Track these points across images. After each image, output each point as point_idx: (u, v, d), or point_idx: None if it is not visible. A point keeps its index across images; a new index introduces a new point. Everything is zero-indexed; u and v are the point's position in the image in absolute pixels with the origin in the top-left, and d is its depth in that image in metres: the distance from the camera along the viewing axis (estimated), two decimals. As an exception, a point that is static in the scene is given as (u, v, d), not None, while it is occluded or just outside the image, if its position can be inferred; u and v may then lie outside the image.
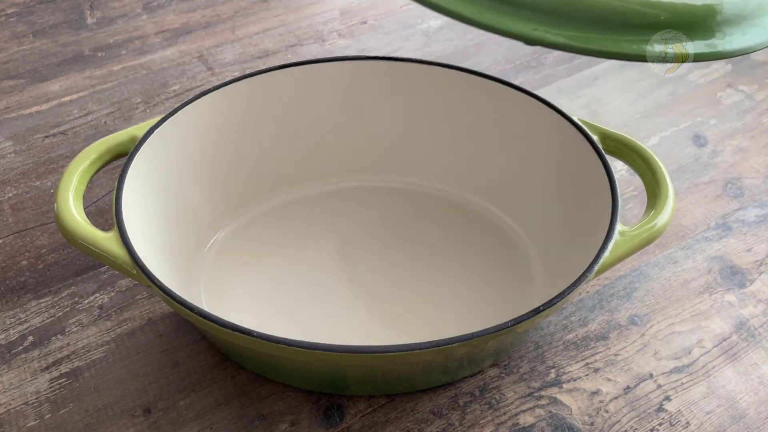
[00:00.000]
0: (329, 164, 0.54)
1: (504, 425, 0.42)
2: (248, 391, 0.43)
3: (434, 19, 0.74)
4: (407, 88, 0.52)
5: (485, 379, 0.44)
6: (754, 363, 0.46)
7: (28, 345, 0.45)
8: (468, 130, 0.52)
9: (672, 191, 0.43)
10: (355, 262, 0.50)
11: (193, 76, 0.66)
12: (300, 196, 0.54)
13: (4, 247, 0.51)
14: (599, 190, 0.43)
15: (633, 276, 0.51)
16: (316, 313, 0.47)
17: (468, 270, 0.49)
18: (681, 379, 0.45)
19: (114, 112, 0.63)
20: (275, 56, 0.69)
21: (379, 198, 0.54)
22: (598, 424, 0.42)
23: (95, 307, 0.48)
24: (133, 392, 0.43)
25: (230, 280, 0.48)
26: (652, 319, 0.48)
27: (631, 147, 0.45)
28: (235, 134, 0.50)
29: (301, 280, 0.49)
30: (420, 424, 0.42)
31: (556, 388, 0.44)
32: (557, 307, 0.37)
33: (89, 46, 0.69)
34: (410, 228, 0.52)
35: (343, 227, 0.52)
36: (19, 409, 0.42)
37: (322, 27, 0.73)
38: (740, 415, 0.43)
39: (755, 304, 0.49)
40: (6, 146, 0.59)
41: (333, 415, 0.42)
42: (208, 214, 0.50)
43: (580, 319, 0.48)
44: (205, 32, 0.72)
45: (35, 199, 0.55)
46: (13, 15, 0.73)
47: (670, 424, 0.43)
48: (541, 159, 0.49)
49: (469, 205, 0.53)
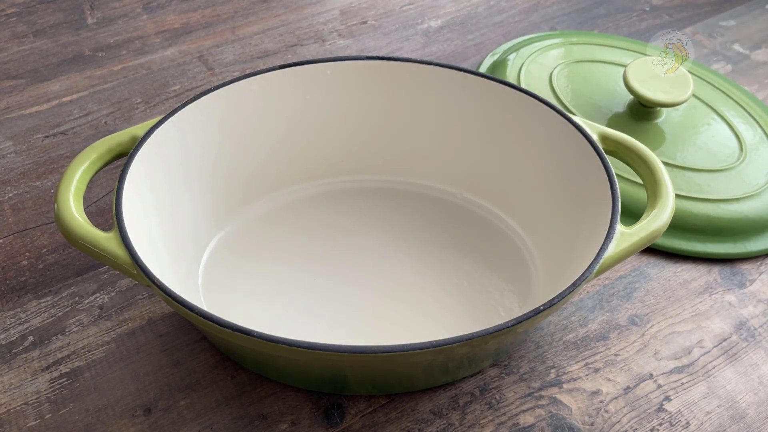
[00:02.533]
0: (329, 164, 0.54)
1: (504, 425, 0.42)
2: (248, 391, 0.43)
3: (434, 19, 0.74)
4: (407, 88, 0.52)
5: (485, 379, 0.44)
6: (754, 363, 0.46)
7: (28, 345, 0.45)
8: (468, 130, 0.52)
9: (672, 191, 0.43)
10: (355, 263, 0.50)
11: (193, 76, 0.66)
12: (300, 197, 0.54)
13: (4, 247, 0.51)
14: (599, 190, 0.43)
15: (633, 276, 0.51)
16: (316, 313, 0.47)
17: (468, 270, 0.49)
18: (681, 379, 0.45)
19: (114, 112, 0.63)
20: (275, 56, 0.69)
21: (379, 198, 0.54)
22: (598, 424, 0.42)
23: (95, 307, 0.48)
24: (134, 392, 0.43)
25: (230, 280, 0.48)
26: (652, 319, 0.48)
27: (631, 147, 0.45)
28: (235, 134, 0.50)
29: (302, 280, 0.49)
30: (420, 424, 0.42)
31: (556, 388, 0.44)
32: (557, 307, 0.37)
33: (89, 46, 0.69)
34: (410, 228, 0.52)
35: (343, 228, 0.52)
36: (19, 409, 0.42)
37: (322, 27, 0.73)
38: (740, 415, 0.43)
39: (755, 304, 0.49)
40: (6, 146, 0.59)
41: (333, 415, 0.42)
42: (208, 213, 0.50)
43: (580, 319, 0.48)
44: (205, 32, 0.72)
45: (35, 199, 0.55)
46: (13, 15, 0.73)
47: (670, 424, 0.43)
48: (541, 159, 0.49)
49: (469, 205, 0.53)
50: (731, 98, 0.63)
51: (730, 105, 0.62)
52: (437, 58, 0.68)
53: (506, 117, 0.50)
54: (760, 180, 0.55)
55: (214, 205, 0.50)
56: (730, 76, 0.68)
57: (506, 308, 0.47)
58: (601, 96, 0.60)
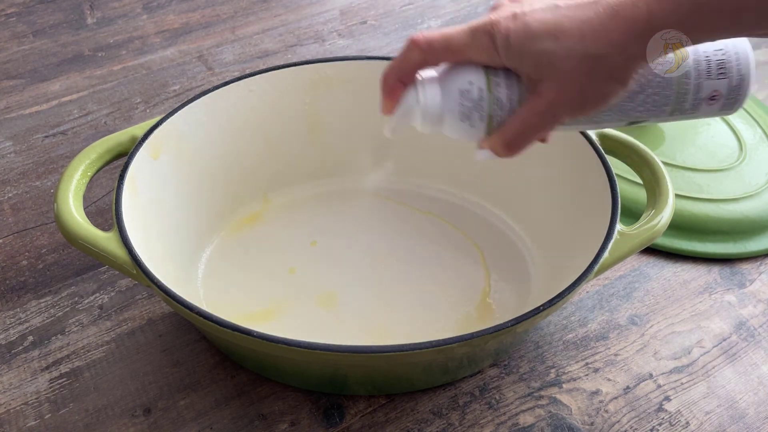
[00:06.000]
0: (329, 165, 0.54)
1: (504, 425, 0.42)
2: (248, 391, 0.43)
3: (434, 19, 0.74)
4: (407, 88, 0.52)
5: (485, 379, 0.44)
6: (753, 363, 0.46)
7: (28, 345, 0.45)
8: (468, 130, 0.52)
9: (672, 191, 0.43)
10: (356, 262, 0.50)
11: (193, 76, 0.66)
12: (300, 197, 0.54)
13: (4, 247, 0.51)
14: (599, 190, 0.43)
15: (633, 276, 0.51)
16: (316, 313, 0.47)
17: (468, 269, 0.49)
18: (681, 379, 0.45)
19: (114, 112, 0.63)
20: (275, 56, 0.69)
21: (378, 198, 0.54)
22: (598, 424, 0.42)
23: (95, 307, 0.48)
24: (133, 392, 0.43)
25: (230, 280, 0.48)
26: (652, 319, 0.48)
27: (631, 147, 0.45)
28: (234, 134, 0.50)
29: (302, 279, 0.49)
30: (420, 424, 0.42)
31: (556, 388, 0.44)
32: (557, 307, 0.37)
33: (89, 46, 0.69)
34: (409, 228, 0.52)
35: (344, 228, 0.52)
36: (19, 409, 0.42)
37: (322, 27, 0.73)
38: (740, 415, 0.43)
39: (755, 304, 0.49)
40: (6, 146, 0.59)
41: (333, 415, 0.42)
42: (207, 214, 0.50)
43: (580, 319, 0.48)
44: (205, 32, 0.72)
45: (35, 199, 0.55)
46: (13, 15, 0.73)
47: (670, 424, 0.43)
48: (540, 159, 0.49)
49: (469, 205, 0.53)
50: (731, 98, 0.63)
51: (730, 105, 0.62)
52: (437, 58, 0.68)
53: (506, 117, 0.50)
54: (760, 180, 0.55)
55: (213, 205, 0.50)
56: (729, 76, 0.68)
57: (506, 308, 0.47)
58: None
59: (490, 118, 0.35)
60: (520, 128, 0.34)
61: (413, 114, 0.36)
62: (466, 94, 0.34)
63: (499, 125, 0.35)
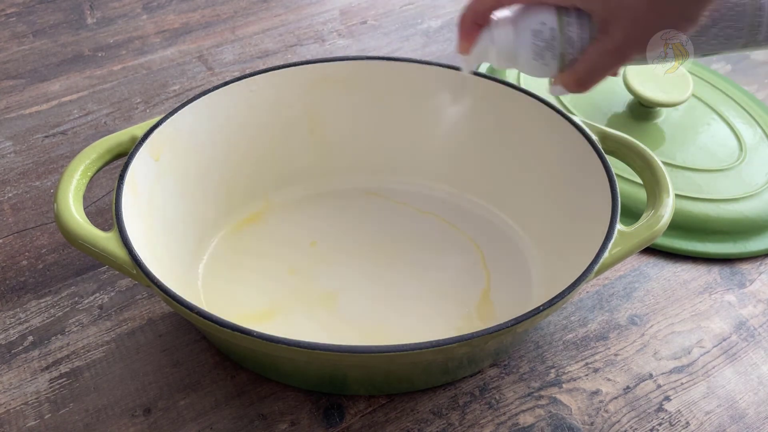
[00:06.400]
0: (329, 165, 0.54)
1: (504, 425, 0.42)
2: (248, 391, 0.43)
3: (434, 19, 0.74)
4: (407, 88, 0.52)
5: (485, 379, 0.44)
6: (753, 363, 0.46)
7: (28, 345, 0.45)
8: (468, 130, 0.52)
9: (671, 191, 0.43)
10: (355, 262, 0.50)
11: (193, 76, 0.66)
12: (300, 197, 0.54)
13: (4, 247, 0.51)
14: (599, 190, 0.43)
15: (633, 276, 0.51)
16: (316, 312, 0.47)
17: (467, 269, 0.49)
18: (681, 379, 0.45)
19: (114, 112, 0.63)
20: (275, 56, 0.69)
21: (378, 198, 0.54)
22: (598, 424, 0.42)
23: (95, 307, 0.48)
24: (133, 392, 0.43)
25: (230, 280, 0.48)
26: (652, 319, 0.48)
27: (631, 147, 0.45)
28: (234, 134, 0.50)
29: (302, 279, 0.49)
30: (420, 424, 0.42)
31: (556, 388, 0.44)
32: (557, 307, 0.37)
33: (89, 46, 0.69)
34: (409, 228, 0.52)
35: (344, 227, 0.52)
36: (19, 409, 0.42)
37: (322, 27, 0.73)
38: (740, 415, 0.43)
39: (755, 304, 0.49)
40: (6, 146, 0.59)
41: (333, 415, 0.42)
42: (207, 214, 0.50)
43: (580, 319, 0.48)
44: (205, 32, 0.72)
45: (35, 199, 0.55)
46: (13, 15, 0.73)
47: (670, 424, 0.43)
48: (541, 159, 0.49)
49: (469, 205, 0.53)
50: (731, 98, 0.63)
51: (730, 105, 0.62)
52: (437, 58, 0.68)
53: (506, 117, 0.50)
54: (760, 180, 0.55)
55: (213, 205, 0.50)
56: (729, 75, 0.68)
57: (506, 308, 0.47)
58: (601, 96, 0.60)
59: (562, 57, 0.36)
60: (591, 67, 0.36)
61: (489, 54, 0.38)
62: (539, 35, 0.36)
63: (571, 63, 0.36)
